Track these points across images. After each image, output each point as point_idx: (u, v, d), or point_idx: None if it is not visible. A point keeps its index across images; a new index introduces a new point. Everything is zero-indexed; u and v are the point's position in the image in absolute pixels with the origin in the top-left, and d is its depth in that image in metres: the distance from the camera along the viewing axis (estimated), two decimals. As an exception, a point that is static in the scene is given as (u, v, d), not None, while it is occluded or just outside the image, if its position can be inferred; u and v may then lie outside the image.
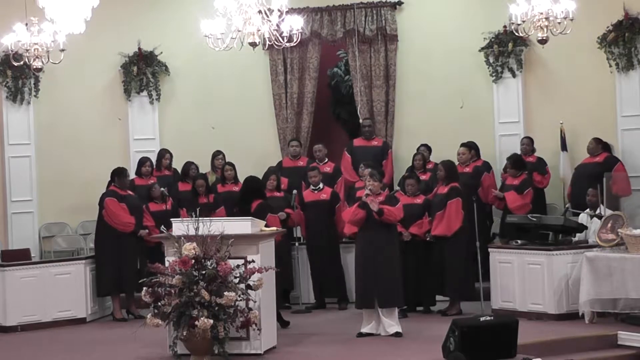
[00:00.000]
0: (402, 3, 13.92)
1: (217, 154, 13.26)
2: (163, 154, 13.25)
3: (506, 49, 13.39)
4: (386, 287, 10.01)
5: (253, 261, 9.22)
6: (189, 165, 12.88)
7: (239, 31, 9.87)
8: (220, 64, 13.59)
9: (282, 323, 10.54)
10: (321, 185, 12.14)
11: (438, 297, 11.57)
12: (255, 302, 9.17)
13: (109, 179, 11.91)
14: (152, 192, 12.05)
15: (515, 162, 12.14)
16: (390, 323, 10.07)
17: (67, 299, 11.51)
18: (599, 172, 12.10)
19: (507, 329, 8.51)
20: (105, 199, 11.69)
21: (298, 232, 12.78)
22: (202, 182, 12.31)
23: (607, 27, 12.92)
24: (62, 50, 10.69)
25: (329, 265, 12.08)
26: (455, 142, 12.69)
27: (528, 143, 12.96)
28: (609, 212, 11.04)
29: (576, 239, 11.21)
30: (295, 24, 10.08)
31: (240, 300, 8.96)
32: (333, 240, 12.12)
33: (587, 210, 11.45)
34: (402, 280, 10.25)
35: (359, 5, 13.93)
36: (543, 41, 10.50)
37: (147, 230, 11.67)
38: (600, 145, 12.57)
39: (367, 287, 10.07)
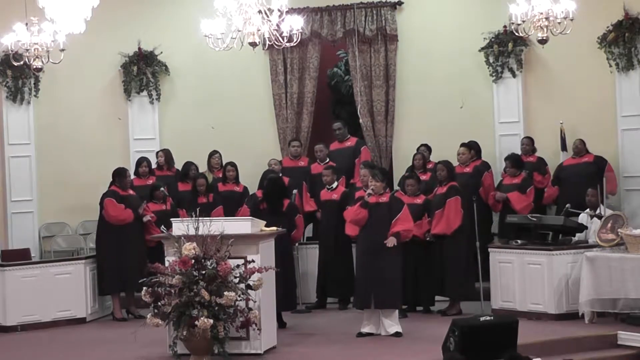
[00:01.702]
0: (402, 3, 13.92)
1: (213, 154, 13.27)
2: (157, 152, 13.30)
3: (506, 49, 13.39)
4: (384, 289, 10.00)
5: (253, 261, 9.22)
6: (188, 165, 12.89)
7: (239, 31, 9.87)
8: (220, 64, 13.59)
9: (280, 323, 10.52)
10: (335, 185, 12.14)
11: (438, 297, 11.57)
12: (255, 302, 9.17)
13: (111, 179, 11.91)
14: (157, 194, 12.03)
15: (516, 162, 12.16)
16: (390, 323, 10.07)
17: (67, 299, 11.51)
18: (591, 171, 12.14)
19: (507, 329, 8.50)
20: (105, 199, 11.71)
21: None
22: (202, 182, 12.33)
23: (607, 27, 12.92)
24: (62, 50, 10.69)
25: (337, 265, 12.05)
26: (455, 142, 12.69)
27: (528, 143, 12.96)
28: (609, 212, 11.05)
29: (576, 238, 11.22)
30: (295, 24, 10.09)
31: (240, 300, 8.96)
32: (342, 241, 12.07)
33: (588, 210, 11.45)
34: (402, 282, 10.25)
35: (359, 5, 13.93)
36: (543, 41, 10.51)
37: (145, 205, 11.64)
38: (585, 146, 12.61)
39: (366, 288, 10.06)
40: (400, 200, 10.49)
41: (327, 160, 13.01)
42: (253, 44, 9.93)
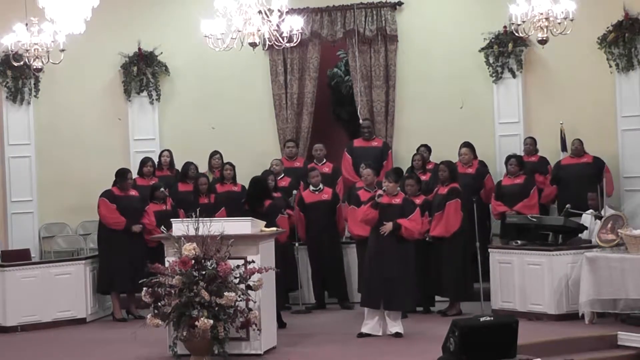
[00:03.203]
0: (402, 3, 13.92)
1: (214, 154, 13.26)
2: (161, 152, 13.32)
3: (506, 50, 13.38)
4: (394, 290, 9.99)
5: (253, 261, 9.22)
6: (188, 165, 12.88)
7: (239, 31, 9.87)
8: (220, 64, 13.58)
9: (280, 323, 10.52)
10: (321, 186, 12.13)
11: (437, 298, 11.57)
12: (255, 302, 9.17)
13: (111, 179, 11.91)
14: (157, 194, 12.04)
15: (521, 162, 12.12)
16: (393, 323, 10.07)
17: (67, 299, 11.51)
18: (590, 173, 12.15)
19: (507, 330, 8.49)
20: (99, 199, 11.72)
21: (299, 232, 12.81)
22: (204, 180, 12.32)
23: (607, 28, 12.92)
24: (62, 50, 10.71)
25: (331, 265, 12.07)
26: (455, 143, 12.68)
27: (531, 143, 12.95)
28: (610, 211, 11.05)
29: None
30: (295, 25, 10.09)
31: (240, 300, 8.96)
32: (335, 240, 12.10)
33: (591, 210, 11.44)
34: (413, 283, 10.21)
35: (359, 6, 13.93)
36: (543, 41, 10.51)
37: (140, 226, 11.65)
38: (583, 147, 12.62)
39: (376, 288, 10.04)
40: (413, 202, 10.47)
41: (325, 160, 13.00)
42: (253, 45, 9.93)
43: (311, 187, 12.14)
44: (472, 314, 10.38)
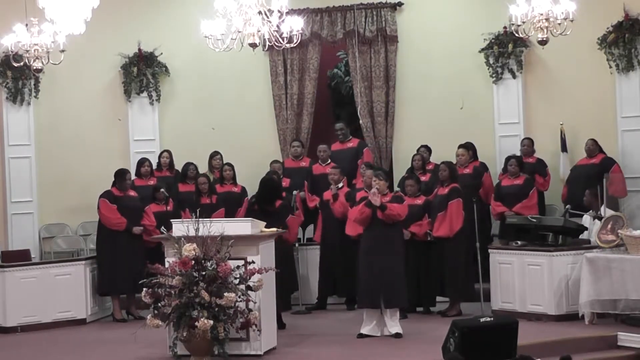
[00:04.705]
0: (402, 4, 13.92)
1: (214, 155, 13.26)
2: (160, 153, 13.32)
3: (506, 50, 13.38)
4: (391, 287, 10.02)
5: (253, 262, 9.22)
6: (188, 166, 12.88)
7: (239, 32, 9.86)
8: (220, 64, 13.59)
9: (280, 324, 10.50)
10: (341, 184, 12.09)
11: (438, 298, 11.57)
12: (255, 303, 9.17)
13: (111, 179, 11.91)
14: (157, 195, 12.05)
15: (522, 163, 12.13)
16: (392, 323, 10.09)
17: (67, 300, 11.51)
18: (596, 173, 12.14)
19: (507, 330, 8.49)
20: (99, 200, 11.72)
21: (299, 232, 12.80)
22: (204, 179, 12.32)
23: (607, 28, 12.93)
24: (62, 50, 10.69)
25: (344, 265, 12.00)
26: (455, 143, 12.68)
27: (529, 144, 12.96)
28: (609, 212, 11.05)
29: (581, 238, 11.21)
30: (295, 25, 10.08)
31: (240, 301, 8.97)
32: (348, 240, 12.04)
33: (591, 211, 11.44)
34: (405, 281, 10.27)
35: (359, 6, 13.93)
36: (543, 42, 10.50)
37: (141, 228, 11.67)
38: (597, 147, 12.60)
39: (373, 287, 10.06)
40: (402, 197, 10.55)
41: (329, 161, 13.00)
42: (253, 45, 9.93)
43: (331, 186, 12.08)
44: (472, 314, 10.39)
